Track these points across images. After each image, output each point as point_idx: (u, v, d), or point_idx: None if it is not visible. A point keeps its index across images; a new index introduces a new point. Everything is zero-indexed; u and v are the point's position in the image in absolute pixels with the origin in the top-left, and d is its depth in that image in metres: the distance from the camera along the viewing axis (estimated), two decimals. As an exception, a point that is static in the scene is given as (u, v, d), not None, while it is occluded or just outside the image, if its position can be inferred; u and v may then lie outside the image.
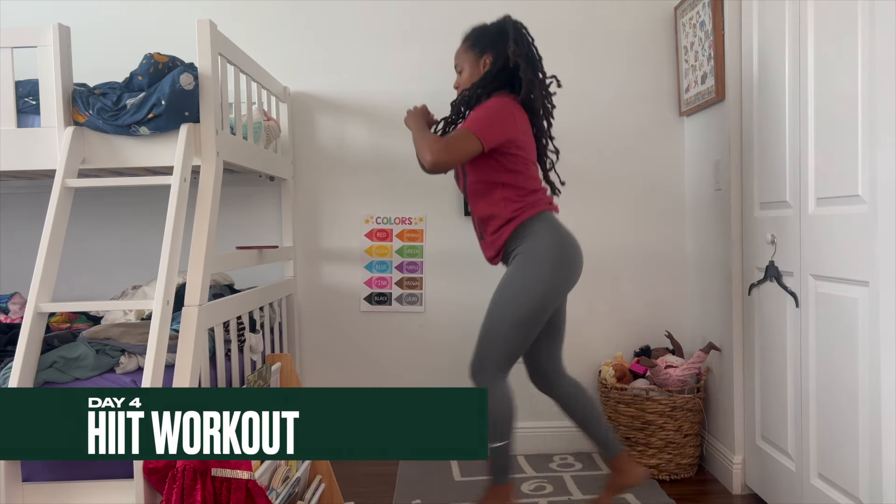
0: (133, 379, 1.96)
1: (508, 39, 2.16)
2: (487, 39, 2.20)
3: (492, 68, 2.18)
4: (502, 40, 2.17)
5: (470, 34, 2.26)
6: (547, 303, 2.13)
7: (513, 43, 2.15)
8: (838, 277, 1.99)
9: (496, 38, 2.18)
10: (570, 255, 2.17)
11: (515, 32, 2.18)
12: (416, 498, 2.63)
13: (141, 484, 1.73)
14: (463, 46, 2.26)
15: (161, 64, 2.07)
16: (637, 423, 2.77)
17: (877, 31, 1.78)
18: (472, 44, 2.23)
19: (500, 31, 2.19)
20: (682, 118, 3.10)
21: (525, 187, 2.15)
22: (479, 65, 2.20)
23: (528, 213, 2.15)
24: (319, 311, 3.14)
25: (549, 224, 2.17)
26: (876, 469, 1.84)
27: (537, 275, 2.10)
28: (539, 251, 2.11)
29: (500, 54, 2.17)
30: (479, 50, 2.20)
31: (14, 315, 2.71)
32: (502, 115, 2.09)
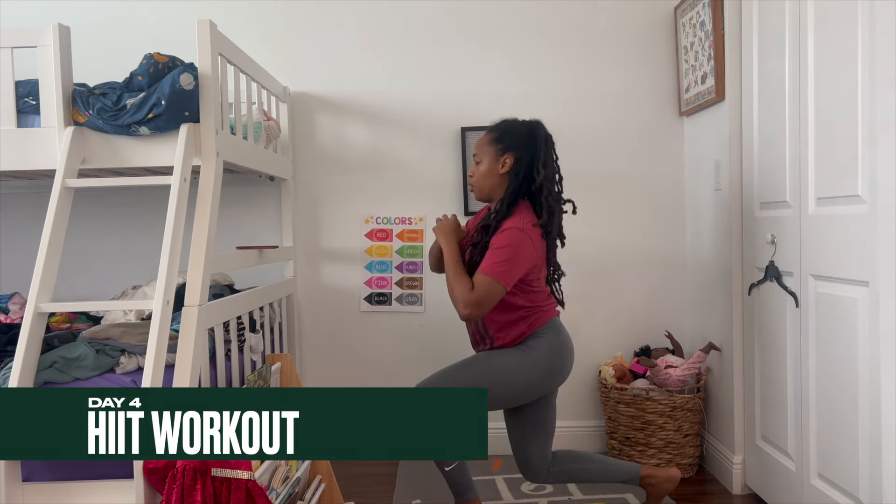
0: (133, 379, 1.96)
1: (536, 154, 2.09)
2: (514, 140, 2.10)
3: (511, 170, 2.10)
4: (530, 146, 2.09)
5: (497, 127, 2.16)
6: (518, 393, 2.13)
7: (541, 166, 2.08)
8: (838, 277, 1.99)
9: (525, 141, 2.09)
10: (563, 362, 2.17)
11: (544, 150, 2.10)
12: (416, 498, 2.63)
13: (141, 484, 1.73)
14: (487, 138, 2.15)
15: (161, 64, 2.07)
16: (637, 423, 2.77)
17: (877, 31, 1.78)
18: (496, 138, 2.13)
19: (531, 136, 2.10)
20: (682, 118, 3.10)
21: (533, 305, 2.14)
22: (498, 162, 2.11)
23: (538, 323, 2.15)
24: (319, 311, 3.14)
25: (554, 331, 2.16)
26: (876, 469, 1.84)
27: (525, 366, 2.11)
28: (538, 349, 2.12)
29: (521, 159, 2.08)
30: (502, 147, 2.10)
31: (14, 315, 2.71)
32: (520, 253, 2.02)
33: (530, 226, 2.06)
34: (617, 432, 2.85)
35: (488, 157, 2.13)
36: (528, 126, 2.14)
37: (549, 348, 2.14)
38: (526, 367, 2.11)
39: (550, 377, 2.16)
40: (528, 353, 2.13)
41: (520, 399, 2.17)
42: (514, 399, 2.17)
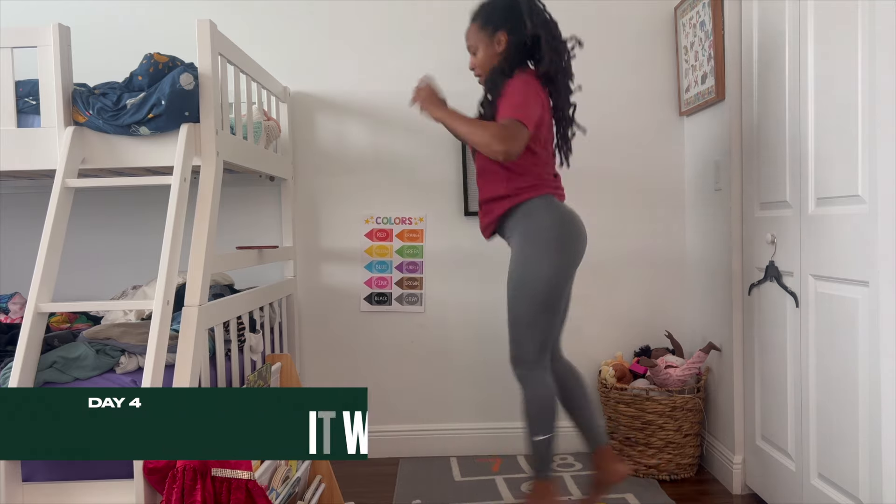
0: (133, 379, 1.96)
1: (521, 13, 2.09)
2: (499, 15, 2.12)
3: (508, 46, 2.11)
4: (515, 14, 2.10)
5: (479, 11, 2.17)
6: (559, 281, 2.11)
7: (528, 18, 2.08)
8: (838, 277, 1.99)
9: (508, 12, 2.11)
10: (572, 232, 2.13)
11: (527, 5, 2.10)
12: (416, 498, 2.63)
13: (141, 484, 1.73)
14: (474, 26, 2.17)
15: (161, 64, 2.06)
16: (637, 423, 2.77)
17: (877, 31, 1.78)
18: (483, 21, 2.14)
19: (511, 3, 2.12)
20: (682, 118, 3.10)
21: (531, 168, 2.12)
22: (493, 43, 2.12)
23: (529, 193, 2.12)
24: (319, 311, 3.14)
25: (549, 204, 2.14)
26: (876, 469, 1.84)
27: (542, 257, 2.08)
28: (539, 232, 2.09)
29: (513, 29, 2.09)
30: (492, 27, 2.12)
31: (14, 315, 2.71)
32: (534, 98, 2.03)
33: (531, 78, 2.07)
34: (617, 432, 2.85)
35: (482, 42, 2.15)
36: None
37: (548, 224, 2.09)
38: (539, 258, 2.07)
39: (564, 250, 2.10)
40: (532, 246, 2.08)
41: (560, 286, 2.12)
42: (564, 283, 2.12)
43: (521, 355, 2.15)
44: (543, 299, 2.10)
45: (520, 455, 3.04)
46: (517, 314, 2.13)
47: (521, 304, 2.12)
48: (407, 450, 3.12)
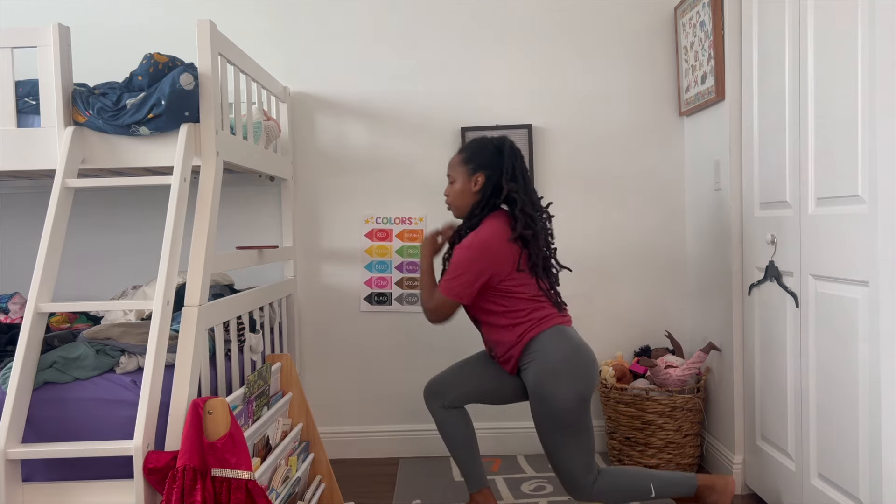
0: (133, 379, 1.96)
1: (503, 164, 2.18)
2: (483, 158, 2.20)
3: (484, 188, 2.20)
4: (497, 162, 2.19)
5: (467, 147, 2.26)
6: (580, 406, 2.11)
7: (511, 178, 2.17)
8: (838, 277, 1.99)
9: (493, 158, 2.19)
10: (583, 361, 2.14)
11: (512, 162, 2.18)
12: (416, 498, 2.63)
13: (141, 484, 1.73)
14: (458, 158, 2.25)
15: (161, 64, 2.06)
16: (637, 423, 2.77)
17: (877, 31, 1.78)
18: (467, 158, 2.23)
19: (498, 152, 2.20)
20: (682, 118, 3.10)
21: (524, 309, 2.15)
22: (470, 181, 2.21)
23: (533, 331, 2.15)
24: (319, 311, 3.14)
25: (557, 337, 2.14)
26: (876, 469, 1.84)
27: (560, 390, 2.09)
28: (552, 368, 2.10)
29: (492, 176, 2.18)
30: (473, 166, 2.21)
31: (14, 315, 2.71)
32: (476, 267, 2.11)
33: (490, 237, 2.13)
34: (617, 432, 2.85)
35: (461, 176, 2.24)
36: (495, 143, 2.23)
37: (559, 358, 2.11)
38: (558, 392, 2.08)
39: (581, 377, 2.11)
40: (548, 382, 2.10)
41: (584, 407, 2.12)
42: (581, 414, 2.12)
43: (575, 483, 2.14)
44: (576, 425, 2.11)
45: (520, 455, 3.05)
46: (557, 451, 2.13)
47: (559, 441, 2.12)
48: (407, 450, 3.13)
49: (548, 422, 2.12)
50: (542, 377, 2.11)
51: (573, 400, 2.08)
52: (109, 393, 1.92)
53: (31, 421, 1.87)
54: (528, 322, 2.15)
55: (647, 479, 2.17)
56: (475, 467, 2.32)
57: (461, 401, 2.34)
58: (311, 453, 2.45)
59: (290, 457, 2.25)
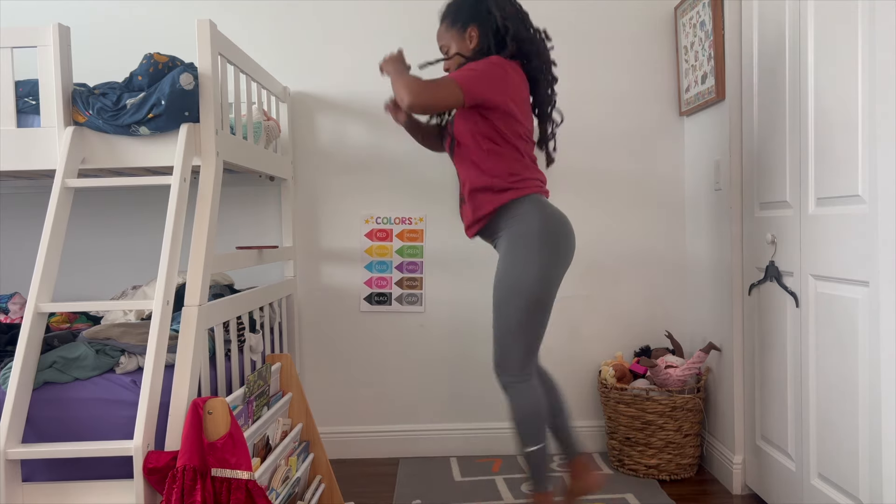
0: (133, 379, 1.96)
1: (489, 4, 2.06)
2: (467, 11, 2.09)
3: (481, 38, 2.08)
4: (483, 7, 2.07)
5: (447, 10, 2.14)
6: (549, 285, 2.04)
7: (496, 9, 2.04)
8: (838, 277, 1.99)
9: (475, 6, 2.08)
10: (563, 233, 2.07)
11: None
12: (416, 498, 2.63)
13: (141, 484, 1.73)
14: (443, 25, 2.14)
15: (161, 64, 2.06)
16: (637, 423, 2.77)
17: (877, 31, 1.78)
18: (452, 20, 2.12)
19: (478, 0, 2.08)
20: (682, 118, 3.10)
21: (514, 162, 2.06)
22: (465, 39, 2.09)
23: (515, 193, 2.06)
24: (319, 311, 3.14)
25: (538, 206, 2.07)
26: (876, 469, 1.84)
27: (533, 260, 2.01)
28: (530, 234, 2.03)
29: (484, 21, 2.06)
30: (461, 24, 2.09)
31: (14, 315, 2.71)
32: (493, 73, 1.97)
33: (502, 59, 2.01)
34: (617, 432, 2.85)
35: (454, 40, 2.12)
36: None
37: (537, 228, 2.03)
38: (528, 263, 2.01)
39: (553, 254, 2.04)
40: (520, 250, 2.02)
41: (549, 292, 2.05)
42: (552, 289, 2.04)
43: (507, 363, 2.08)
44: (534, 304, 2.04)
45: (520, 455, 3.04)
46: (506, 320, 2.06)
47: (510, 310, 2.05)
48: (407, 450, 3.12)
49: (508, 290, 2.03)
50: (514, 240, 2.03)
51: (541, 270, 2.00)
52: (109, 393, 1.92)
53: (31, 421, 1.87)
54: (517, 180, 2.05)
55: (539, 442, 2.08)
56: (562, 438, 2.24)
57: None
58: (311, 453, 2.45)
59: (290, 457, 2.25)
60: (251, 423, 2.02)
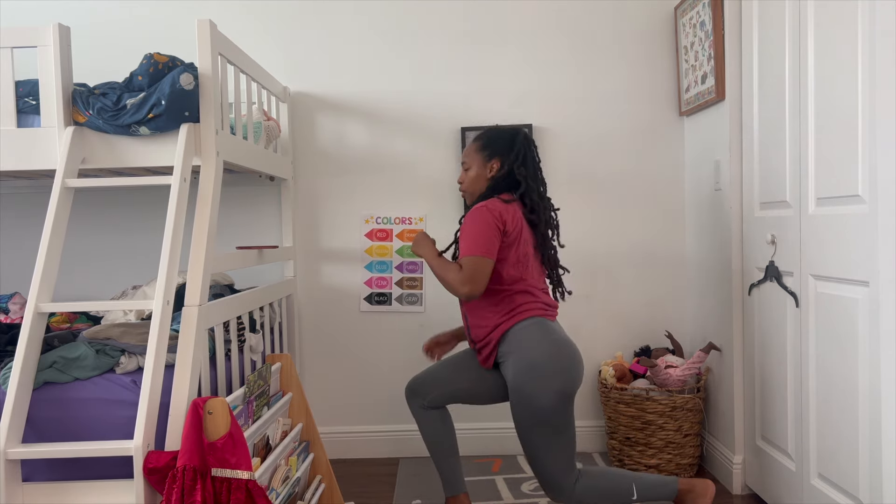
0: (133, 379, 1.96)
1: (518, 151, 2.19)
2: (498, 147, 2.21)
3: (499, 173, 2.20)
4: (512, 149, 2.20)
5: (482, 136, 2.27)
6: (565, 405, 2.07)
7: (521, 162, 2.18)
8: (838, 277, 1.99)
9: (508, 146, 2.21)
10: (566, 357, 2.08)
11: (524, 150, 2.20)
12: (416, 498, 2.63)
13: (141, 484, 1.73)
14: (474, 146, 2.27)
15: (161, 64, 2.06)
16: (637, 423, 2.77)
17: (877, 31, 1.78)
18: (482, 146, 2.24)
19: (513, 140, 2.21)
20: (682, 118, 3.10)
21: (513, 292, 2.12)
22: (486, 168, 2.22)
23: (516, 318, 2.11)
24: (319, 311, 3.14)
25: (540, 329, 2.10)
26: (876, 469, 1.84)
27: (544, 391, 2.04)
28: (537, 368, 2.05)
29: (506, 163, 2.19)
30: (488, 153, 2.22)
31: (14, 315, 2.71)
32: (487, 224, 2.07)
33: (496, 202, 2.12)
34: (617, 432, 2.85)
35: (476, 163, 2.25)
36: (510, 132, 2.26)
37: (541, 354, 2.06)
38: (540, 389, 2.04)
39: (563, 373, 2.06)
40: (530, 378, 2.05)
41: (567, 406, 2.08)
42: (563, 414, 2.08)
43: (555, 485, 2.09)
44: (557, 424, 2.07)
45: (520, 455, 3.04)
46: (537, 450, 2.09)
47: (538, 440, 2.08)
48: (407, 450, 3.12)
49: (527, 420, 2.07)
50: (521, 372, 2.06)
51: (554, 398, 2.03)
52: (109, 393, 1.92)
53: (31, 421, 1.87)
54: (513, 307, 2.11)
55: (630, 481, 2.14)
56: (452, 470, 2.29)
57: (440, 401, 2.31)
58: (311, 453, 2.45)
59: (290, 457, 2.25)
60: (251, 423, 2.02)
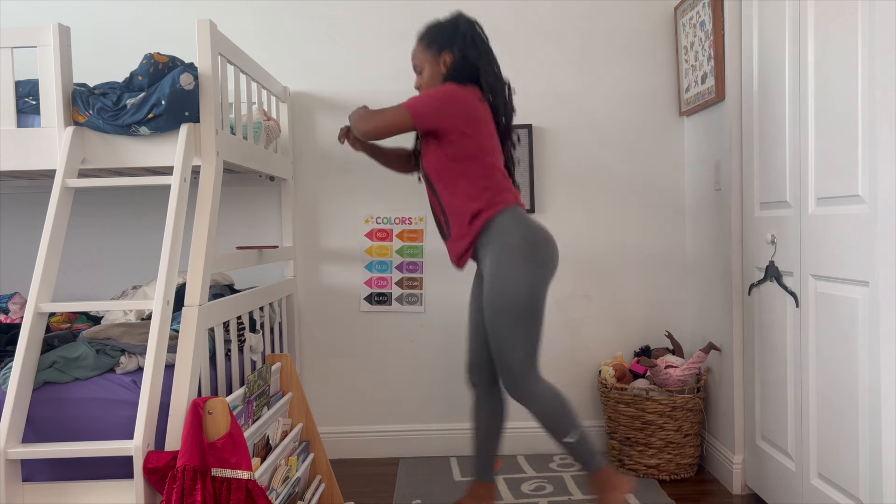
0: (133, 379, 1.96)
1: (466, 38, 2.15)
2: (445, 38, 2.17)
3: (453, 65, 2.16)
4: (460, 38, 2.16)
5: (425, 33, 2.23)
6: (537, 296, 2.08)
7: (471, 45, 2.15)
8: (838, 277, 1.99)
9: (453, 35, 2.17)
10: (542, 245, 2.10)
11: (471, 32, 2.17)
12: (416, 498, 2.63)
13: (141, 484, 1.73)
14: (419, 45, 2.23)
15: (161, 64, 2.06)
16: (637, 423, 2.77)
17: (877, 31, 1.78)
18: (428, 42, 2.20)
19: (456, 28, 2.17)
20: (682, 118, 3.10)
21: (486, 179, 2.10)
22: (438, 63, 2.18)
23: (494, 210, 2.10)
24: (319, 311, 3.14)
25: (517, 218, 2.11)
26: (876, 469, 1.84)
27: (521, 271, 2.05)
28: (511, 250, 2.06)
29: (456, 51, 2.15)
30: (437, 48, 2.18)
31: (14, 315, 2.71)
32: (446, 98, 2.06)
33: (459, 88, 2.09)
34: (617, 432, 2.85)
35: (428, 62, 2.21)
36: (451, 21, 2.21)
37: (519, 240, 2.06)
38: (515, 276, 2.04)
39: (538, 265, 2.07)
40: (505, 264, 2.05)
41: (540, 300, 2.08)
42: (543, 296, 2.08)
43: (515, 377, 2.10)
44: (526, 316, 2.07)
45: (520, 455, 3.04)
46: (502, 337, 2.08)
47: (504, 326, 2.07)
48: (407, 450, 3.12)
49: (499, 305, 2.06)
50: (500, 259, 2.06)
51: (530, 286, 2.04)
52: (109, 393, 1.92)
53: (31, 421, 1.87)
54: (493, 195, 2.10)
55: (577, 425, 2.12)
56: (481, 458, 2.28)
57: (475, 370, 2.28)
58: (311, 453, 2.45)
59: (290, 457, 2.25)
60: (251, 423, 2.02)
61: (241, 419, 1.92)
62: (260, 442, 2.05)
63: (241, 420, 1.92)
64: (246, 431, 1.90)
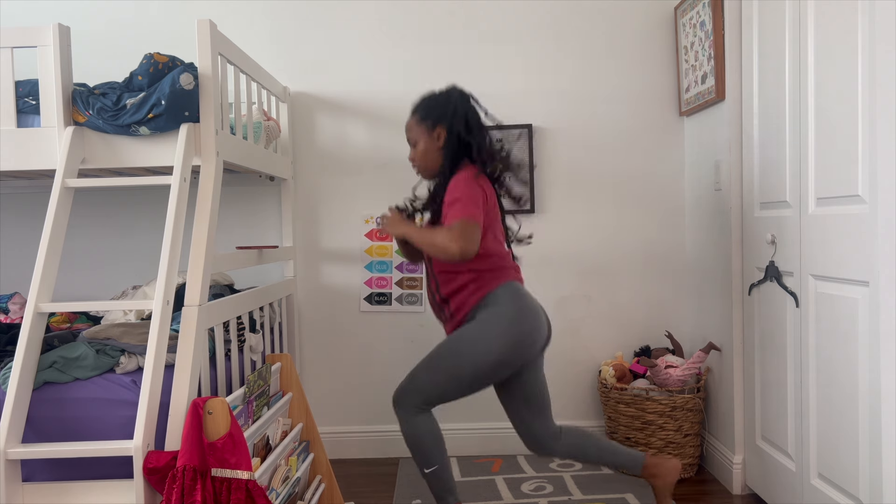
0: (133, 379, 1.96)
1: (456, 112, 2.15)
2: (438, 111, 2.17)
3: (448, 141, 2.16)
4: (453, 112, 2.16)
5: (419, 106, 2.24)
6: (490, 370, 2.10)
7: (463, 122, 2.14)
8: (838, 277, 1.99)
9: (446, 109, 2.17)
10: (529, 330, 2.11)
11: (464, 106, 2.17)
12: (416, 498, 2.63)
13: (141, 484, 1.73)
14: (413, 119, 2.23)
15: (161, 64, 2.06)
16: (637, 423, 2.77)
17: (877, 31, 1.78)
18: (422, 116, 2.20)
19: (447, 102, 2.18)
20: (682, 118, 3.10)
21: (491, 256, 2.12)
22: (433, 137, 2.18)
23: (495, 281, 2.12)
24: (319, 311, 3.14)
25: (515, 294, 2.12)
26: (876, 469, 1.84)
27: (489, 340, 2.06)
28: (499, 317, 2.07)
29: (452, 127, 2.15)
30: (431, 123, 2.18)
31: (14, 315, 2.71)
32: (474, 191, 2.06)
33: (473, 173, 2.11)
34: (617, 432, 2.85)
35: (423, 136, 2.21)
36: (444, 94, 2.21)
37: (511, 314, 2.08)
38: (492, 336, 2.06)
39: (521, 346, 2.10)
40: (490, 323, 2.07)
41: (498, 373, 2.12)
42: (492, 374, 2.11)
43: (409, 400, 2.15)
44: (465, 373, 2.09)
45: (520, 455, 3.04)
46: (434, 367, 2.13)
47: (443, 363, 2.11)
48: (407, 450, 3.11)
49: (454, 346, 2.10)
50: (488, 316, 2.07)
51: (497, 354, 2.06)
52: (109, 393, 1.92)
53: (31, 421, 1.87)
54: (492, 272, 2.11)
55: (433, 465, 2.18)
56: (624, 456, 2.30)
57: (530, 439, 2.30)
58: (311, 453, 2.45)
59: (290, 457, 2.25)
60: (251, 423, 2.02)
61: (241, 419, 1.92)
62: (260, 442, 2.05)
63: (241, 420, 1.92)
64: (246, 431, 1.90)
